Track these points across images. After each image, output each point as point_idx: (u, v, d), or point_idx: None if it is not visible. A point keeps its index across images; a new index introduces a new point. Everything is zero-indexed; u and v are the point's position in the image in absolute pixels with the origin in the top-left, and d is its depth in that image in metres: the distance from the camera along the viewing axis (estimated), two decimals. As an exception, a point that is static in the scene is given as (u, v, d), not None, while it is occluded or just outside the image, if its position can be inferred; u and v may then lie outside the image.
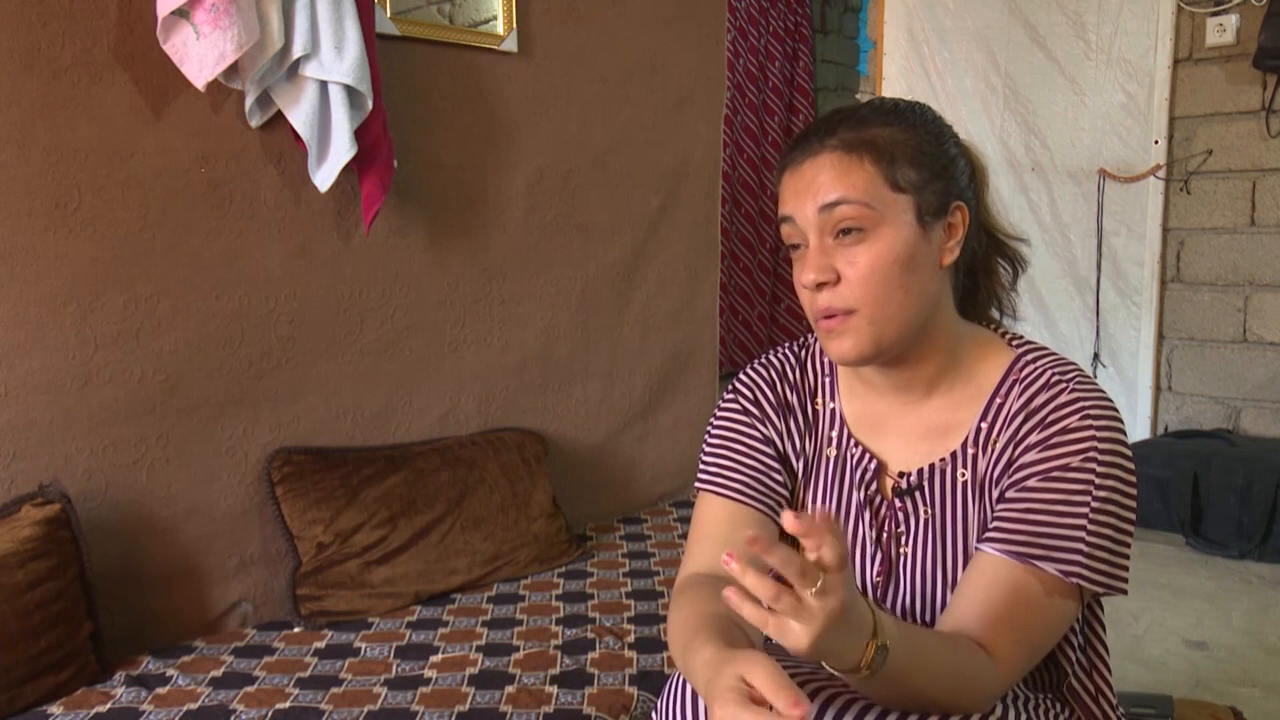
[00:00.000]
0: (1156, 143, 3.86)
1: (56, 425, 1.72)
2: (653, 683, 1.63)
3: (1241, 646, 2.64)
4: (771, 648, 1.02)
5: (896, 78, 4.50)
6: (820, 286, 1.01)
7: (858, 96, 4.86)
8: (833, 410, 1.14)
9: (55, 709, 1.53)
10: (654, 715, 1.01)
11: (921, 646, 0.88)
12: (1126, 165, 3.95)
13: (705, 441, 1.18)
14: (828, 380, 1.16)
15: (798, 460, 1.15)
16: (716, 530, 1.12)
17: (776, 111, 4.53)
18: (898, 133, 1.02)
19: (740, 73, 4.36)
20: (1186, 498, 3.44)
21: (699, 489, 1.16)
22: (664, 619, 1.89)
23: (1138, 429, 3.96)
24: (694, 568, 1.11)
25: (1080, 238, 4.08)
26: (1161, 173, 3.86)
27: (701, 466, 1.16)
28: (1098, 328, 4.07)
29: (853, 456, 1.12)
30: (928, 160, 1.02)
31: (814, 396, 1.16)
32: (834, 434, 1.14)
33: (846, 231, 1.00)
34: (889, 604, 1.10)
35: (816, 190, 1.00)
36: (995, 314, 1.16)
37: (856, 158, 1.00)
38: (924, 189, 1.01)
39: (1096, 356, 4.08)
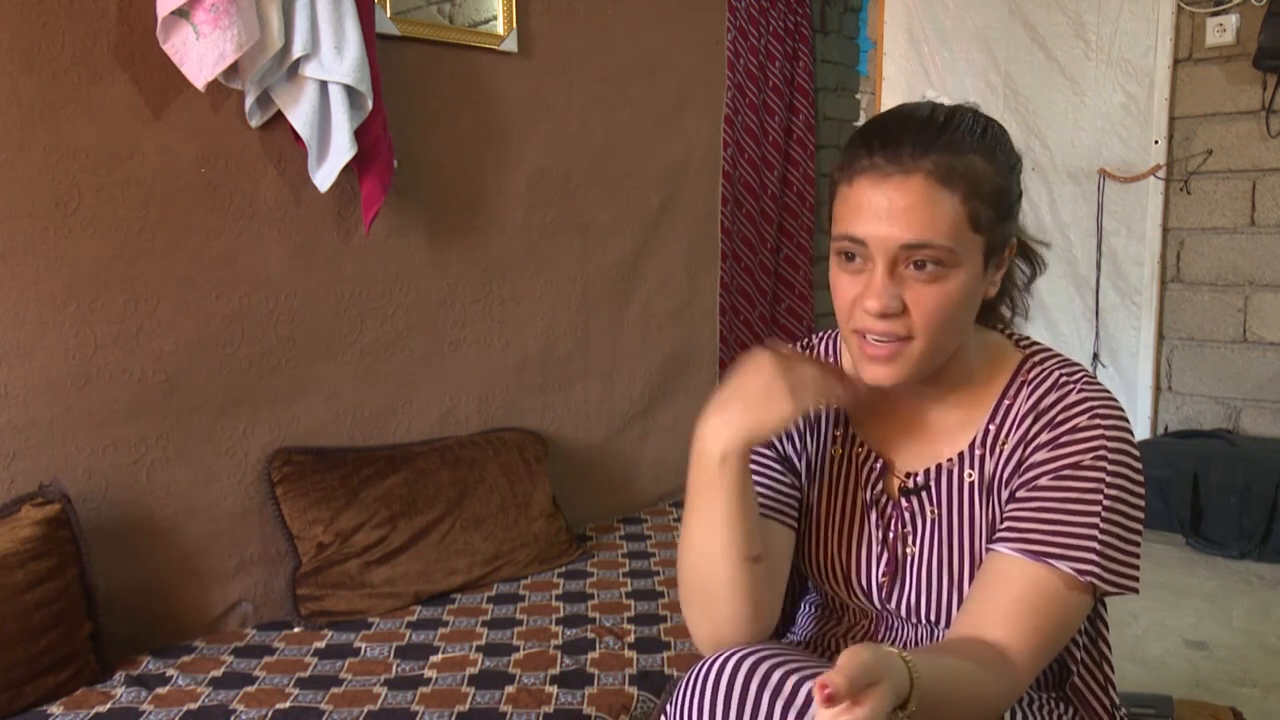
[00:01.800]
0: (1156, 143, 3.86)
1: (56, 425, 1.72)
2: (653, 683, 1.63)
3: (1241, 646, 2.64)
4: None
5: (896, 78, 4.50)
6: (883, 316, 0.97)
7: (857, 97, 4.85)
8: (837, 411, 1.14)
9: (55, 709, 1.53)
10: (663, 716, 1.01)
11: (950, 690, 0.86)
12: (1126, 165, 3.95)
13: None
14: None
15: (800, 460, 1.15)
16: None
17: (777, 111, 4.52)
18: (987, 165, 0.97)
19: (740, 73, 4.35)
20: (1186, 498, 3.44)
21: None
22: (664, 619, 1.89)
23: (1138, 429, 3.96)
24: None
25: (1080, 238, 4.08)
26: (1161, 173, 3.86)
27: None
28: (1097, 328, 4.07)
29: (858, 457, 1.12)
30: (1003, 199, 0.99)
31: None
32: (839, 434, 1.14)
33: (920, 265, 0.95)
34: (894, 604, 1.10)
35: (903, 224, 0.94)
36: (1007, 312, 1.16)
37: (949, 191, 0.94)
38: (994, 230, 0.98)
39: (1096, 356, 4.08)
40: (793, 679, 0.91)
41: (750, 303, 4.56)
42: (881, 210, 0.94)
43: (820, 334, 1.18)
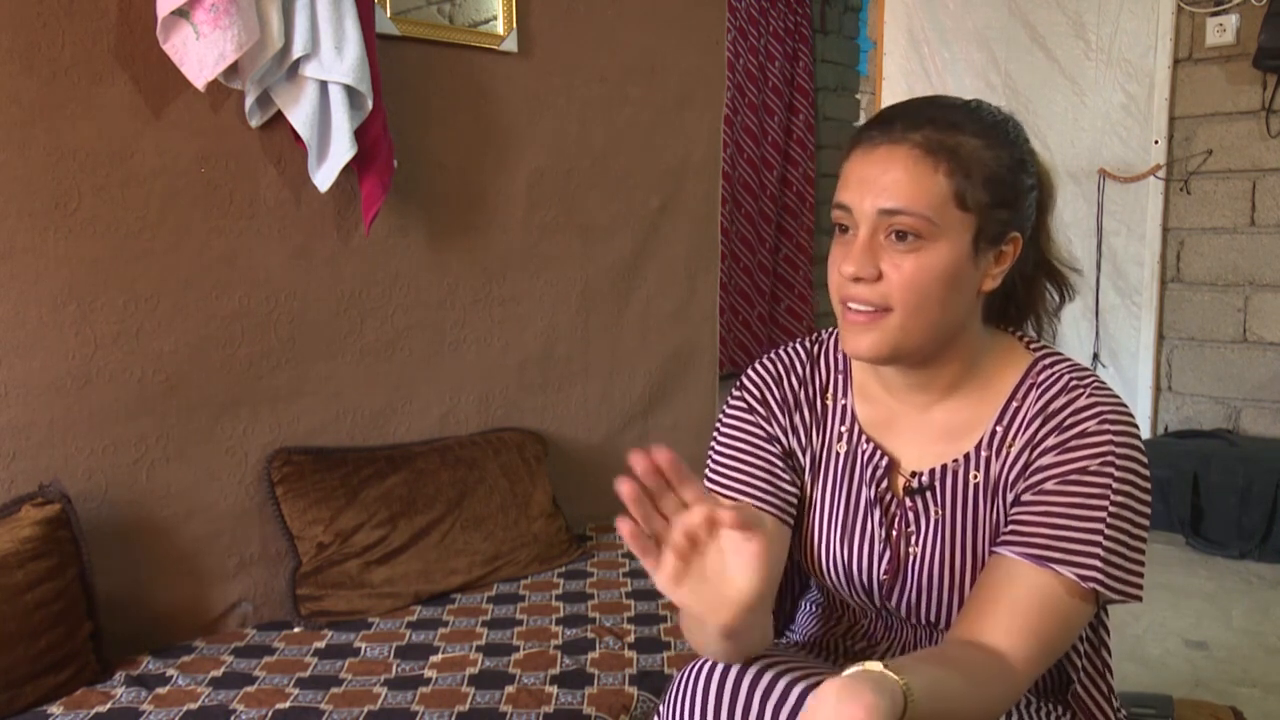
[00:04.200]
0: (1156, 143, 3.86)
1: (56, 425, 1.72)
2: (653, 683, 1.63)
3: (1241, 646, 2.64)
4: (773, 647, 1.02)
5: (896, 78, 4.50)
6: (857, 280, 0.99)
7: (857, 97, 4.85)
8: (844, 406, 1.14)
9: (55, 709, 1.53)
10: (656, 717, 1.01)
11: (945, 708, 0.86)
12: (1126, 165, 3.95)
13: (713, 440, 1.17)
14: (841, 376, 1.15)
15: (804, 455, 1.14)
16: None
17: (777, 111, 4.53)
18: (984, 149, 0.98)
19: (740, 73, 4.36)
20: (1186, 498, 3.44)
21: (708, 489, 1.15)
22: (664, 619, 1.89)
23: (1138, 429, 3.95)
24: None
25: (1080, 238, 4.08)
26: (1161, 173, 3.86)
27: (710, 466, 1.16)
28: (1097, 328, 4.07)
29: (863, 453, 1.11)
30: (1002, 187, 0.99)
31: (825, 392, 1.15)
32: (845, 430, 1.13)
33: (901, 236, 0.97)
34: (895, 603, 1.09)
35: (882, 189, 0.97)
36: (1032, 333, 1.15)
37: (933, 163, 0.96)
38: (989, 215, 0.99)
39: (1096, 356, 4.08)
40: (784, 680, 0.91)
41: (749, 303, 4.56)
42: (866, 178, 0.99)
43: (830, 330, 1.17)
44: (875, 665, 0.80)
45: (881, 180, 0.97)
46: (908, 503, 1.08)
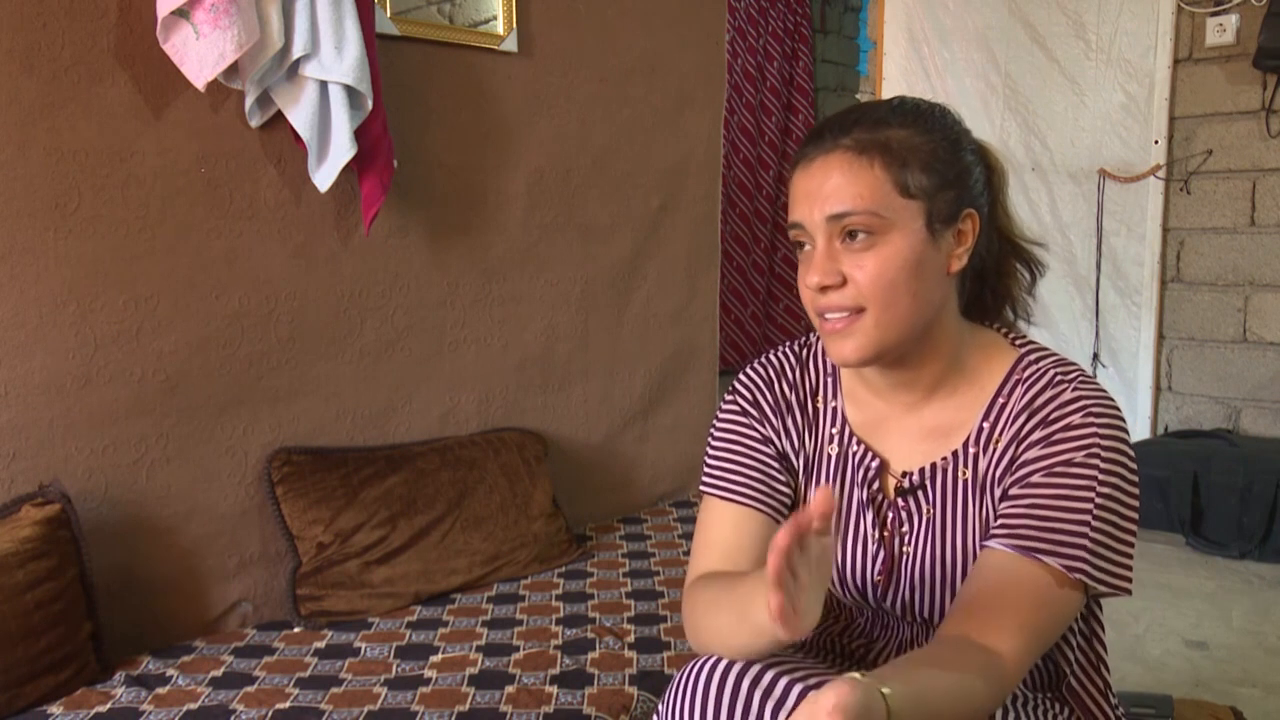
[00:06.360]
0: (1156, 143, 3.86)
1: (56, 425, 1.72)
2: (653, 683, 1.63)
3: (1241, 646, 2.64)
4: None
5: (896, 78, 4.50)
6: (825, 289, 1.01)
7: (858, 97, 4.86)
8: (835, 408, 1.14)
9: (55, 709, 1.53)
10: (655, 717, 1.01)
11: (932, 708, 0.86)
12: (1126, 165, 3.95)
13: (708, 444, 1.18)
14: (830, 379, 1.16)
15: (798, 458, 1.15)
16: (722, 536, 1.12)
17: (774, 111, 4.53)
18: (914, 136, 1.01)
19: (738, 73, 4.37)
20: (1186, 498, 3.44)
21: (703, 492, 1.16)
22: (664, 619, 1.89)
23: (1138, 429, 3.96)
24: (702, 571, 1.11)
25: (1080, 238, 4.08)
26: (1161, 173, 3.86)
27: (705, 469, 1.17)
28: (1097, 328, 4.07)
29: (854, 455, 1.12)
30: (941, 167, 1.01)
31: (815, 395, 1.16)
32: (835, 432, 1.14)
33: (854, 235, 0.99)
34: (890, 602, 1.10)
35: (825, 197, 1.00)
36: (1010, 316, 1.16)
37: (867, 160, 0.99)
38: (935, 196, 1.00)
39: (1096, 356, 4.08)
40: (783, 680, 0.91)
41: (742, 301, 4.57)
42: (809, 191, 1.01)
43: (818, 334, 1.18)
44: (856, 676, 0.80)
45: (823, 189, 1.00)
46: (899, 503, 1.09)
